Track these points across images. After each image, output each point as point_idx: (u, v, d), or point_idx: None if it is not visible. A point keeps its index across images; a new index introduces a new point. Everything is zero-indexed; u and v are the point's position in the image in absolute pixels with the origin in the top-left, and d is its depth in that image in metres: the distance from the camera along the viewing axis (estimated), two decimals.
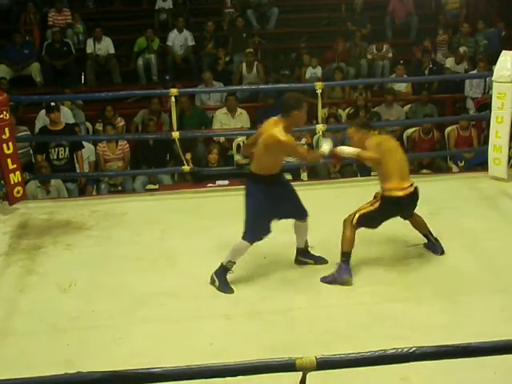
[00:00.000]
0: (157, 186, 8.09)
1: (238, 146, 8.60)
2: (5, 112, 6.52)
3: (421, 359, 2.82)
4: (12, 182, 6.70)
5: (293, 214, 5.23)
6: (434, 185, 7.21)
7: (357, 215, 5.15)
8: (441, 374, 3.89)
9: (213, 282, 5.15)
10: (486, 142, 7.61)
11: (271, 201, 4.96)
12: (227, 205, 6.54)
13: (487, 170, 7.32)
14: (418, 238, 5.64)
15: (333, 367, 2.79)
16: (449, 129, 8.83)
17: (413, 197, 5.25)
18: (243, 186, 5.11)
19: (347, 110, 9.61)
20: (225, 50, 11.00)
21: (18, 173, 6.75)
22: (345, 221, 5.19)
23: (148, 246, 5.91)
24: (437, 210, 6.43)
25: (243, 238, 5.01)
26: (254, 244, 5.07)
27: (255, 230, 4.99)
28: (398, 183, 5.14)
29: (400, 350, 2.76)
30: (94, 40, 10.94)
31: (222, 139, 8.99)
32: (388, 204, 5.16)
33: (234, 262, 5.11)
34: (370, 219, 5.17)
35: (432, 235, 5.59)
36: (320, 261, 5.44)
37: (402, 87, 10.37)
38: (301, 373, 2.70)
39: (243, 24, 11.42)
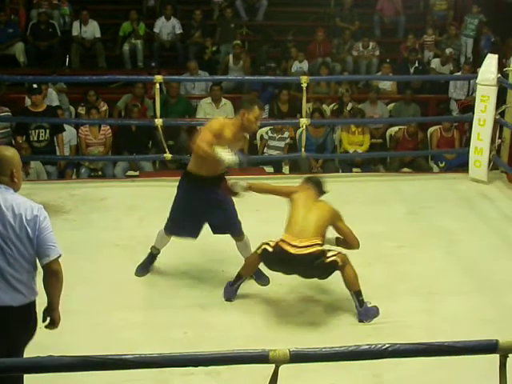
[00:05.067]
0: (137, 173, 8.01)
1: None
2: None
3: (394, 356, 2.83)
4: None
5: (223, 226, 4.93)
6: (414, 184, 7.26)
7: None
8: (414, 372, 3.91)
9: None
10: (467, 143, 7.65)
11: (196, 205, 4.81)
12: None
13: (467, 172, 7.36)
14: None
15: (306, 360, 2.80)
16: (431, 129, 8.87)
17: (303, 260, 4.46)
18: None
19: (332, 105, 9.61)
20: (212, 40, 10.94)
21: None
22: None
23: (126, 233, 5.88)
24: (415, 210, 6.47)
25: (164, 226, 5.05)
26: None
27: (172, 224, 4.98)
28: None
29: (373, 345, 2.77)
30: (81, 23, 10.81)
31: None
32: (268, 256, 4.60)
33: (158, 249, 5.16)
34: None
35: (361, 295, 4.64)
36: (262, 279, 5.05)
37: (386, 85, 10.39)
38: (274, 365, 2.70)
39: (232, 15, 11.37)
